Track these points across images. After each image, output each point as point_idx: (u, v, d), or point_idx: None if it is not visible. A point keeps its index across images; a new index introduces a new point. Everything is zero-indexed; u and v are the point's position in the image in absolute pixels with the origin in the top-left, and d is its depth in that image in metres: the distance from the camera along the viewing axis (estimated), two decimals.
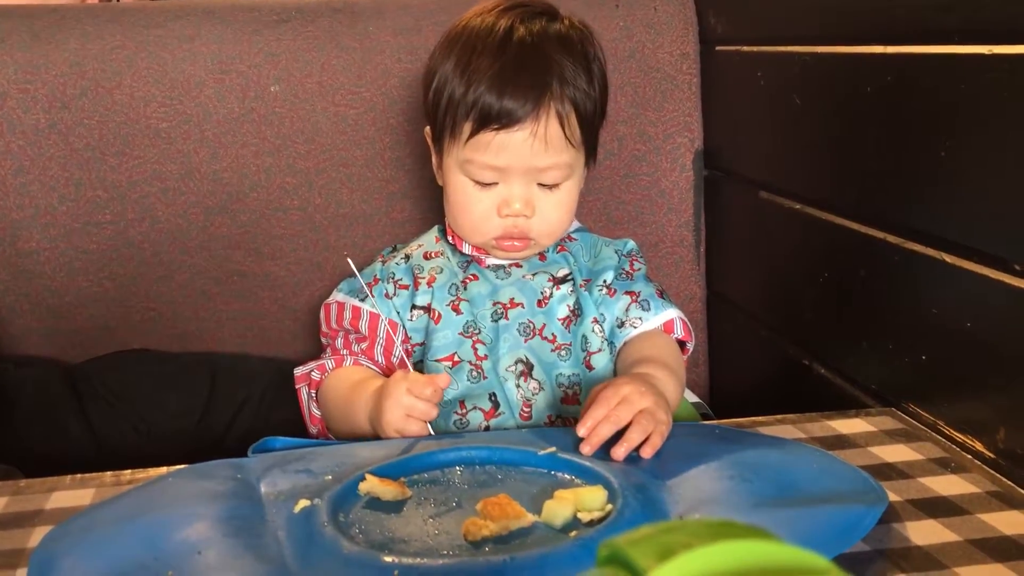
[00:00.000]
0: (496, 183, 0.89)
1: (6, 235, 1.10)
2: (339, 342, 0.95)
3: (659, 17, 1.20)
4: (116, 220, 1.12)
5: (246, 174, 1.14)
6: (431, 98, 0.91)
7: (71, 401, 1.08)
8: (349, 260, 0.88)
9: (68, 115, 1.09)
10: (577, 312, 0.94)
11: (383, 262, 0.98)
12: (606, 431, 0.73)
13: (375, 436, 0.82)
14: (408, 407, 0.79)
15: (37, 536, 0.64)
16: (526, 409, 0.90)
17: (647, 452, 0.72)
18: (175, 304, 1.16)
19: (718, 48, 1.18)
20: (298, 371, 0.96)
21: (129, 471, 0.75)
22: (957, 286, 0.76)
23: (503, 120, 0.85)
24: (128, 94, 1.10)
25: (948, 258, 0.77)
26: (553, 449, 0.73)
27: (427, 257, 0.97)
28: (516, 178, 0.88)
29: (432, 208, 1.18)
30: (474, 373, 0.90)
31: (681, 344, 0.96)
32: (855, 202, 0.91)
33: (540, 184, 0.89)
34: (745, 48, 1.11)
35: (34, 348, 1.14)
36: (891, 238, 0.84)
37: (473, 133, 0.87)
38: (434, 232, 1.01)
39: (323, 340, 0.99)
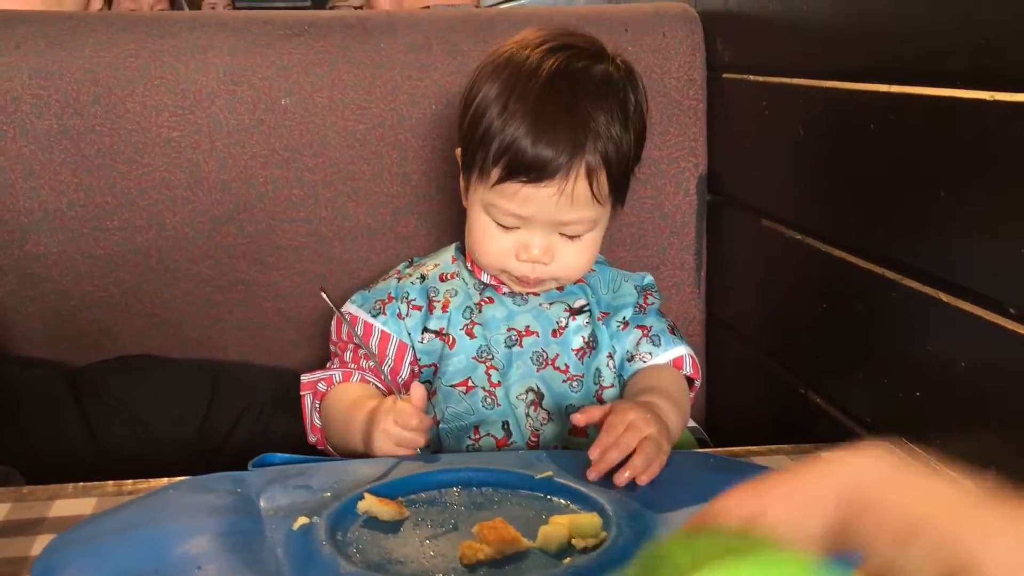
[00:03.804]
0: (518, 227, 0.89)
1: (14, 238, 1.11)
2: (348, 355, 0.96)
3: (667, 42, 1.21)
4: (124, 226, 1.13)
5: (254, 185, 1.15)
6: (467, 123, 0.90)
7: (73, 404, 1.09)
8: (324, 295, 0.86)
9: (80, 121, 1.10)
10: (592, 344, 0.94)
11: (399, 279, 0.98)
12: (614, 457, 0.74)
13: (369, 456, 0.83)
14: (396, 438, 0.80)
15: (39, 544, 0.65)
16: (534, 439, 0.91)
17: (644, 480, 0.74)
18: (179, 311, 1.17)
19: (725, 75, 1.19)
20: (305, 378, 0.96)
21: (131, 481, 0.76)
22: (952, 325, 0.77)
23: (532, 174, 0.85)
24: (140, 102, 1.11)
25: (944, 297, 0.78)
26: (549, 473, 0.74)
27: (443, 279, 0.96)
28: (538, 227, 0.88)
29: (437, 224, 1.19)
30: (488, 400, 0.91)
31: (689, 381, 0.97)
32: (855, 236, 0.92)
33: (562, 233, 0.90)
34: (751, 77, 1.12)
35: (38, 350, 1.15)
36: (889, 274, 0.86)
37: (501, 180, 0.86)
38: (451, 251, 1.00)
39: (331, 348, 1.00)
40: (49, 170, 1.11)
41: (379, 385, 0.93)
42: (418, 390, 0.80)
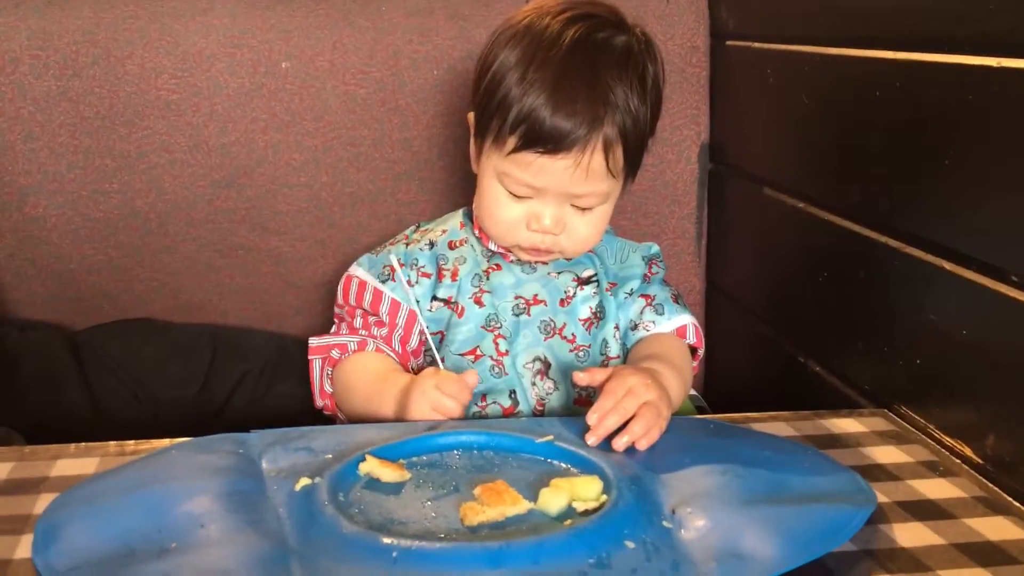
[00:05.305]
0: (530, 197, 0.88)
1: (13, 200, 1.11)
2: (358, 321, 0.95)
3: (671, 9, 1.20)
4: (123, 189, 1.13)
5: (254, 149, 1.14)
6: (484, 88, 0.88)
7: (72, 367, 1.09)
8: None
9: (79, 83, 1.10)
10: (599, 315, 0.94)
11: (407, 244, 0.97)
12: (612, 423, 0.74)
13: None
14: (434, 402, 0.79)
15: (42, 503, 0.66)
16: (539, 408, 0.91)
17: (643, 445, 0.74)
18: (179, 275, 1.17)
19: (728, 43, 1.19)
20: (314, 342, 0.95)
21: (132, 441, 0.76)
22: (955, 293, 0.77)
23: (549, 145, 0.84)
24: (139, 64, 1.11)
25: (947, 265, 0.78)
26: (550, 437, 0.74)
27: (452, 246, 0.95)
28: (551, 198, 0.87)
29: (438, 190, 1.19)
30: (495, 369, 0.91)
31: (692, 350, 0.97)
32: (857, 204, 0.92)
33: (574, 205, 0.89)
34: (755, 45, 1.11)
35: (38, 313, 1.15)
36: (892, 242, 0.86)
37: (516, 149, 0.85)
38: (459, 217, 0.99)
39: (337, 311, 0.98)
40: (48, 132, 1.10)
41: (391, 354, 0.92)
42: (473, 374, 0.81)
